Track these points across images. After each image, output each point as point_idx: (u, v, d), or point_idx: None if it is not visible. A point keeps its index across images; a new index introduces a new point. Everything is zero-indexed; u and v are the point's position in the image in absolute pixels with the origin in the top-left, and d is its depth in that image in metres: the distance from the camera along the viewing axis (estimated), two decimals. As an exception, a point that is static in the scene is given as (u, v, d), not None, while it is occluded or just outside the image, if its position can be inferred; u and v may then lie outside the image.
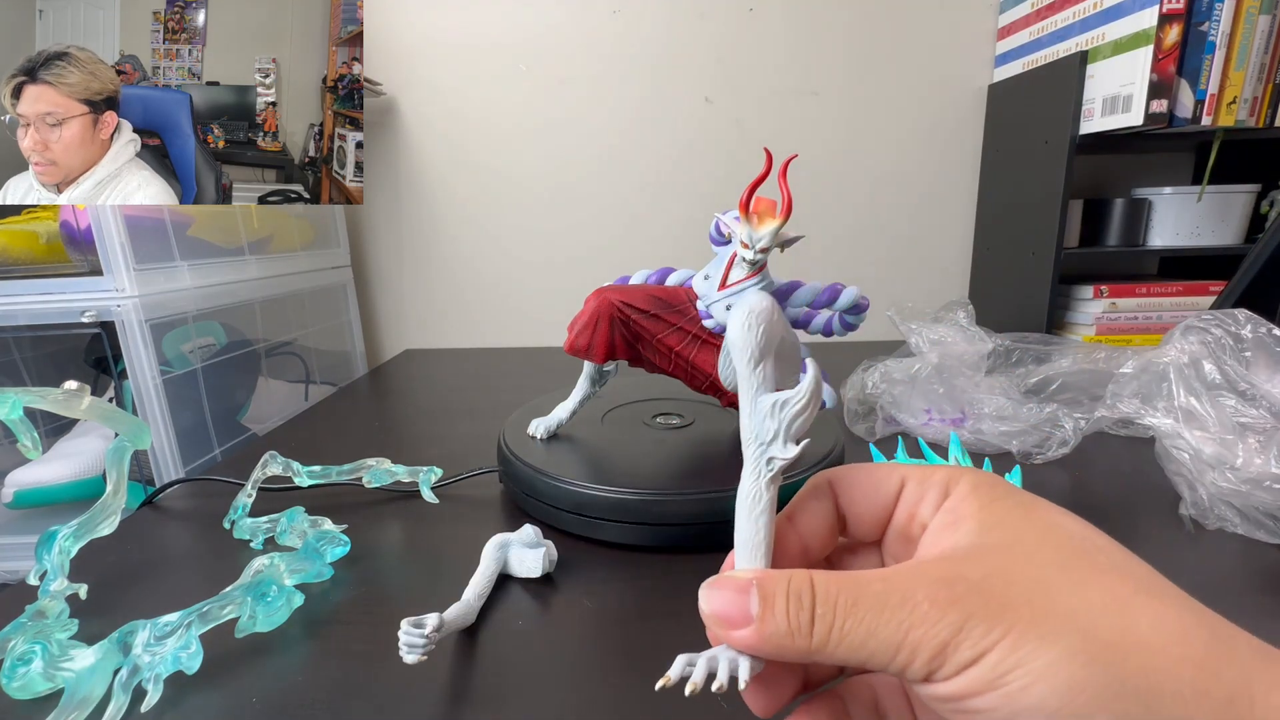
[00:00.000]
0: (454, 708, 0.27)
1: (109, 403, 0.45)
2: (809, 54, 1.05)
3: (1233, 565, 0.37)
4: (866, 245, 1.12)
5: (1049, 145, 0.88)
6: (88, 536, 0.35)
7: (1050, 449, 0.51)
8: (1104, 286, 0.92)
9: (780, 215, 0.40)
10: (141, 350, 0.63)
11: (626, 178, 1.10)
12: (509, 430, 0.48)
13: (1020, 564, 0.15)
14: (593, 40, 1.05)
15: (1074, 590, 0.14)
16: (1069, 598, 0.14)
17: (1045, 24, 0.92)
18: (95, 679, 0.26)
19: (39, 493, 0.69)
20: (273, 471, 0.44)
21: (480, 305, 1.16)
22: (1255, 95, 0.80)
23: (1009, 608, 0.14)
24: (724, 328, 0.44)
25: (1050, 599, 0.14)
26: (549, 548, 0.36)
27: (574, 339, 0.43)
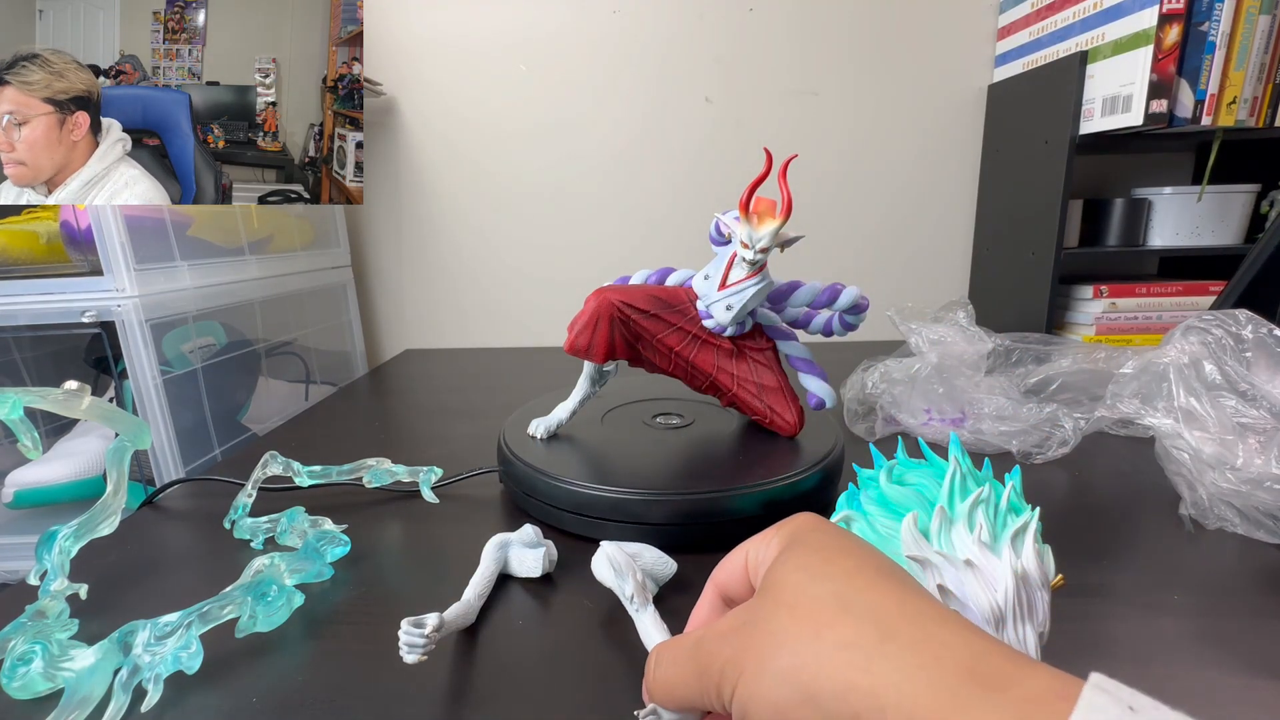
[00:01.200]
0: (454, 708, 0.27)
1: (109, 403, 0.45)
2: (809, 54, 1.05)
3: (1233, 565, 0.37)
4: (866, 245, 1.12)
5: (1049, 145, 0.88)
6: (88, 536, 0.35)
7: (1050, 449, 0.51)
8: (1104, 286, 0.92)
9: (780, 215, 0.40)
10: (141, 350, 0.63)
11: (626, 178, 1.10)
12: (509, 430, 0.48)
13: (765, 618, 0.18)
14: (593, 40, 1.05)
15: (799, 644, 0.17)
16: (792, 650, 0.17)
17: (1045, 24, 0.92)
18: (95, 679, 0.26)
19: (39, 493, 0.69)
20: (273, 471, 0.44)
21: (480, 305, 1.16)
22: (1255, 95, 0.80)
23: (747, 653, 0.18)
24: (724, 328, 0.44)
25: (776, 650, 0.17)
26: (549, 548, 0.36)
27: (574, 339, 0.43)
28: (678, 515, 0.38)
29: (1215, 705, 0.26)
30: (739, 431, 0.48)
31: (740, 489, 0.39)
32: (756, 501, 0.39)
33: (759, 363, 0.46)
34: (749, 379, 0.46)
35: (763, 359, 0.46)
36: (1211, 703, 0.26)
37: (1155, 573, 0.36)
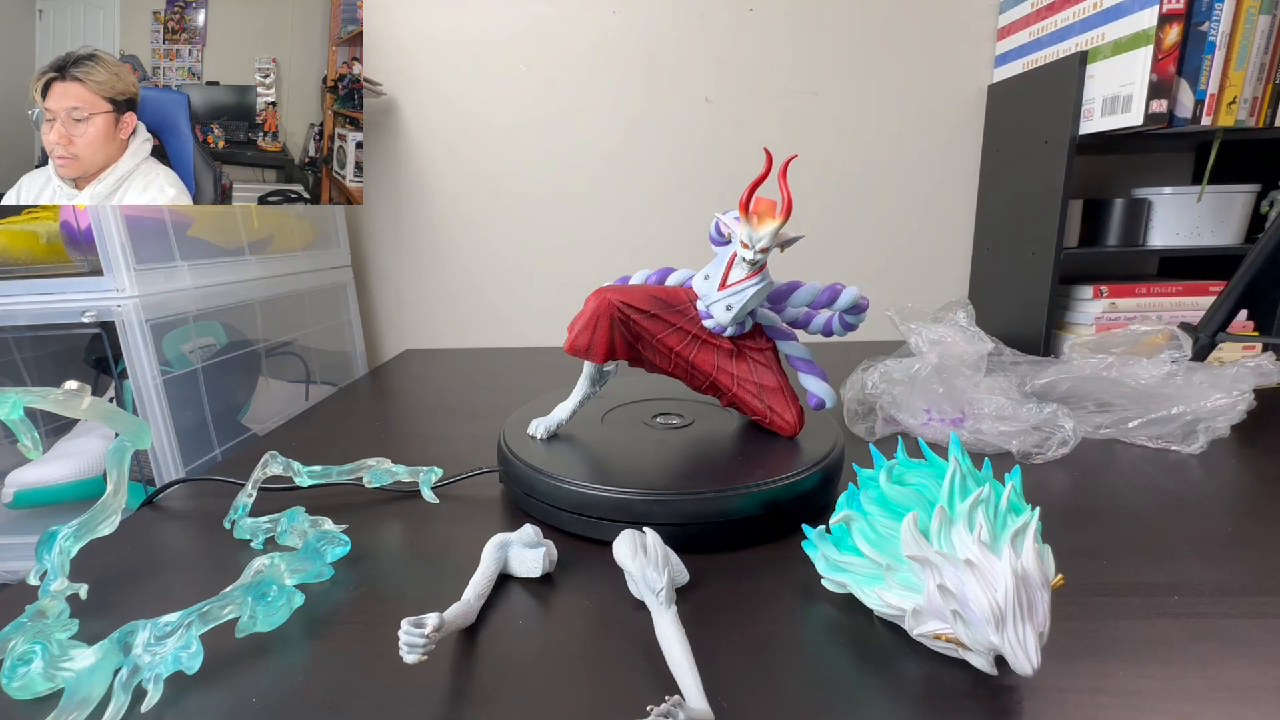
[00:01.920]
0: (454, 708, 0.27)
1: (109, 403, 0.45)
2: (809, 54, 1.05)
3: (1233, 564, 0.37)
4: (866, 245, 1.12)
5: (1049, 145, 0.88)
6: (88, 536, 0.35)
7: (1050, 449, 0.51)
8: (1104, 286, 0.92)
9: (780, 215, 0.40)
10: (142, 350, 0.63)
11: (626, 178, 1.10)
12: (509, 430, 0.48)
13: None
14: (593, 41, 1.05)
15: None
16: None
17: (1045, 24, 0.92)
18: (95, 679, 0.26)
19: (39, 493, 0.69)
20: (273, 471, 0.44)
21: (480, 305, 1.16)
22: (1255, 95, 0.80)
23: None
24: (724, 328, 0.44)
25: None
26: (549, 548, 0.36)
27: (574, 339, 0.43)
28: (678, 515, 0.38)
29: (1215, 705, 0.26)
30: (739, 431, 0.48)
31: (740, 489, 0.39)
32: (756, 501, 0.39)
33: (759, 363, 0.46)
34: (749, 379, 0.46)
35: (763, 359, 0.46)
36: (1211, 703, 0.26)
37: (1155, 573, 0.36)
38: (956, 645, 0.27)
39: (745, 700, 0.27)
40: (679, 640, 0.27)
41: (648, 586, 0.30)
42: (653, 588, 0.30)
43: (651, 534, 0.33)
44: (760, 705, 0.26)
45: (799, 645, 0.30)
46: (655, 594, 0.29)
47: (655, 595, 0.29)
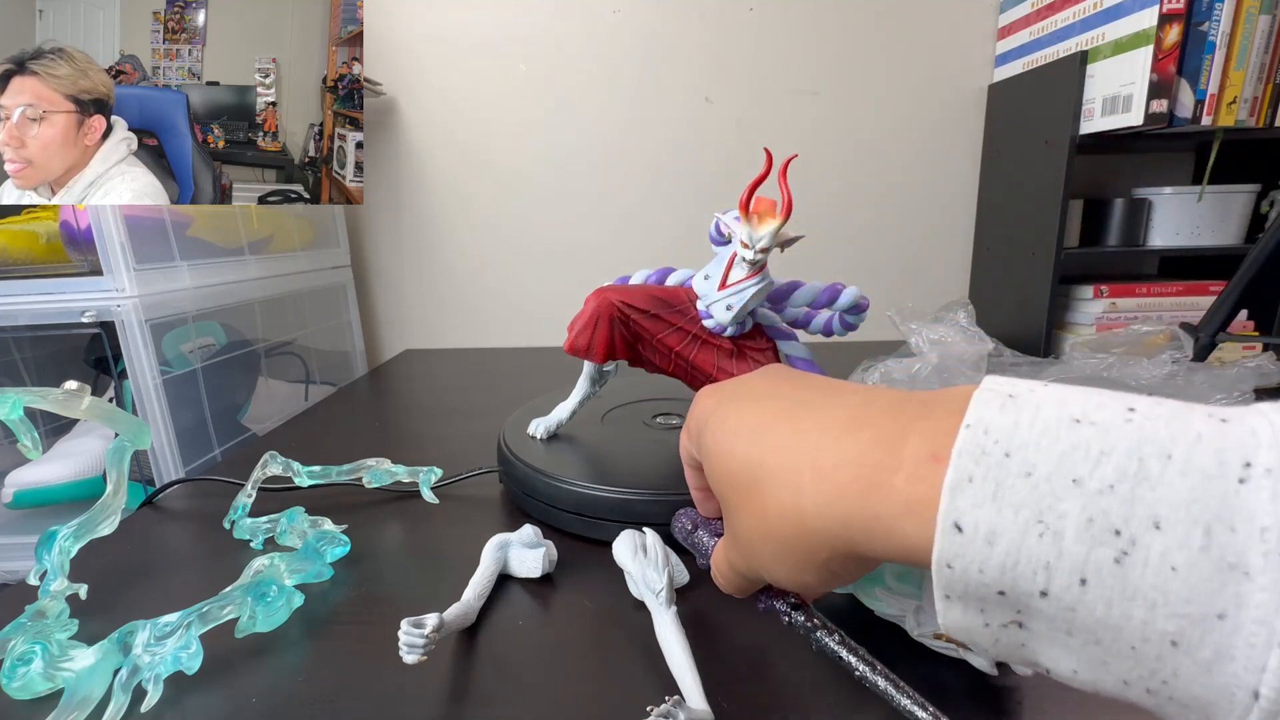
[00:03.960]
0: (454, 708, 0.27)
1: (109, 403, 0.45)
2: (809, 54, 1.05)
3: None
4: (866, 245, 1.12)
5: (1049, 145, 0.88)
6: (88, 536, 0.35)
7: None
8: (1104, 286, 0.92)
9: (780, 215, 0.40)
10: (141, 350, 0.63)
11: (626, 178, 1.10)
12: (509, 430, 0.48)
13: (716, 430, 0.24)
14: (593, 40, 1.05)
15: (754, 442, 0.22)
16: None
17: (1045, 24, 0.92)
18: (95, 679, 0.26)
19: (39, 493, 0.69)
20: (273, 471, 0.44)
21: (480, 305, 1.16)
22: (1255, 95, 0.80)
23: None
24: (724, 328, 0.44)
25: None
26: (549, 548, 0.36)
27: (574, 339, 0.42)
28: (678, 515, 0.38)
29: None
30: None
31: (740, 489, 0.39)
32: (756, 501, 0.39)
33: (759, 363, 0.46)
34: (749, 379, 0.46)
35: (763, 359, 0.46)
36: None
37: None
38: (957, 645, 0.27)
39: (745, 700, 0.27)
40: (679, 640, 0.27)
41: (648, 587, 0.30)
42: (653, 588, 0.30)
43: (651, 534, 0.33)
44: (760, 705, 0.26)
45: (799, 645, 0.30)
46: (655, 594, 0.30)
47: (655, 595, 0.29)
